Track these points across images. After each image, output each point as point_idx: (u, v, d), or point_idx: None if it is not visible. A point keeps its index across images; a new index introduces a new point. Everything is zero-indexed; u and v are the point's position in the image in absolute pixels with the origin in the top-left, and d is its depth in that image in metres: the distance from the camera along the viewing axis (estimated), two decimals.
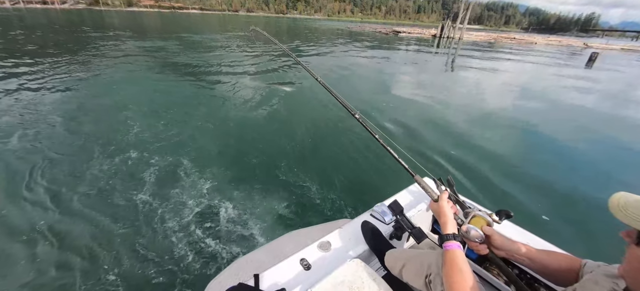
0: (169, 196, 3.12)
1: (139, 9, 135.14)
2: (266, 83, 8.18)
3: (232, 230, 2.68)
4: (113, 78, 8.21)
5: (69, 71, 8.60)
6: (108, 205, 2.98)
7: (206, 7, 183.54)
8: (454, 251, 0.87)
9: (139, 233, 2.62)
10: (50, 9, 71.83)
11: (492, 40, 38.07)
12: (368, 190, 3.39)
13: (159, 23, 38.15)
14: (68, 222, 2.73)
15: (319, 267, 1.18)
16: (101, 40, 16.71)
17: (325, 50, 17.83)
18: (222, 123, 5.25)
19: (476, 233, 0.97)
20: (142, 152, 4.00)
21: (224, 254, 2.43)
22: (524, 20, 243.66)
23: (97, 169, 3.57)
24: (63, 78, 7.78)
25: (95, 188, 3.23)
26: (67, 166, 3.62)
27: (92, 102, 6.02)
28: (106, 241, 2.53)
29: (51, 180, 3.33)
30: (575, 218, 3.26)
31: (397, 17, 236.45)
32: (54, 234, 2.59)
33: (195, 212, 2.89)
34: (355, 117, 1.55)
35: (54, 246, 2.47)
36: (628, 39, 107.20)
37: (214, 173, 3.55)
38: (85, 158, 3.81)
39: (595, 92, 10.41)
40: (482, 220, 1.00)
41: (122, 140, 4.34)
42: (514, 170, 4.22)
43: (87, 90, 6.85)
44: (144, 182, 3.35)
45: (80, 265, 2.32)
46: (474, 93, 9.06)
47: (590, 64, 18.44)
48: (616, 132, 6.20)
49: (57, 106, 5.71)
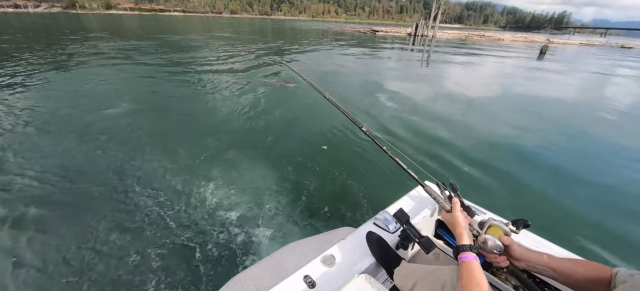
0: (161, 203, 2.98)
1: (118, 12, 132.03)
2: (262, 89, 7.89)
3: (226, 240, 2.54)
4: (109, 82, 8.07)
5: (44, 77, 8.26)
6: (88, 209, 2.85)
7: (188, 10, 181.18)
8: (471, 263, 0.84)
9: (121, 247, 2.46)
10: (23, 13, 69.54)
11: (463, 38, 40.24)
12: (367, 196, 3.27)
13: (142, 25, 37.46)
14: (42, 227, 2.63)
15: (324, 284, 1.12)
16: (84, 44, 16.76)
17: (310, 50, 18.29)
18: (217, 127, 5.14)
19: (494, 244, 0.92)
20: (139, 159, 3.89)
21: (219, 268, 2.28)
22: (502, 19, 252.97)
23: (76, 171, 3.48)
24: (37, 82, 7.57)
25: (73, 191, 3.13)
26: (45, 166, 3.54)
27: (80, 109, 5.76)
28: (76, 252, 2.39)
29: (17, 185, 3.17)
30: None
31: (381, 18, 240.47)
32: (25, 232, 2.53)
33: (189, 219, 2.77)
34: (363, 130, 1.56)
35: (20, 245, 2.41)
36: (597, 35, 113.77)
37: (206, 178, 3.44)
38: (62, 160, 3.72)
39: (537, 78, 12.07)
40: (500, 230, 0.95)
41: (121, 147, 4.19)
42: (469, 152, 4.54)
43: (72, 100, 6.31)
44: (136, 186, 3.25)
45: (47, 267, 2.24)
46: (446, 87, 9.50)
47: (542, 56, 20.36)
48: (556, 111, 7.46)
49: (35, 111, 5.53)
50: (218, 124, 5.33)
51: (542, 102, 8.23)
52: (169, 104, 6.40)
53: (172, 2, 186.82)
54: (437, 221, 1.66)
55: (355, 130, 4.91)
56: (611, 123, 6.66)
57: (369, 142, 4.08)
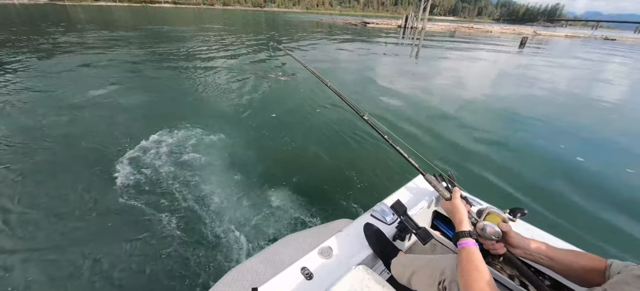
0: (158, 196, 2.99)
1: (107, 3, 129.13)
2: (263, 78, 8.04)
3: (223, 232, 2.52)
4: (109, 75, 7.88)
5: (38, 67, 8.28)
6: (93, 209, 2.82)
7: (180, 1, 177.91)
8: (470, 248, 0.85)
9: (121, 238, 2.46)
10: (9, 4, 67.70)
11: (452, 30, 40.73)
12: (365, 188, 3.28)
13: (136, 19, 36.85)
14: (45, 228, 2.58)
15: (321, 276, 1.13)
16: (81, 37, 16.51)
17: (306, 42, 18.63)
18: (215, 119, 5.10)
19: (493, 230, 0.93)
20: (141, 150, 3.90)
21: (217, 261, 2.27)
22: (496, 11, 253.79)
23: (72, 172, 3.40)
24: (29, 74, 7.50)
25: (70, 188, 3.09)
26: (37, 173, 3.37)
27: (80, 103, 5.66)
28: (78, 246, 2.40)
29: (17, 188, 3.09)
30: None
31: (376, 10, 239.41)
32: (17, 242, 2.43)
33: (184, 211, 2.77)
34: (364, 119, 1.55)
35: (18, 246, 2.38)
36: (589, 28, 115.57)
37: (202, 172, 3.45)
38: (58, 161, 3.62)
39: (516, 65, 13.36)
40: (498, 217, 0.96)
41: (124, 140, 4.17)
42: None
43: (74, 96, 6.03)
44: (133, 182, 3.21)
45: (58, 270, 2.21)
46: (435, 80, 9.85)
47: (522, 47, 21.03)
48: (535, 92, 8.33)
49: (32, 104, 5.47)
50: (212, 115, 5.31)
51: (514, 86, 9.32)
52: (165, 95, 6.46)
53: None
54: (434, 212, 1.68)
55: (352, 123, 5.01)
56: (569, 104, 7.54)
57: (366, 134, 4.47)
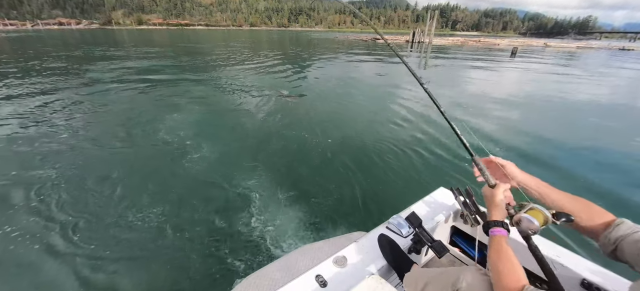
0: (179, 202, 3.19)
1: (148, 27, 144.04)
2: (274, 101, 8.05)
3: (242, 241, 2.67)
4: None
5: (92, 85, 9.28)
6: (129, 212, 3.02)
7: (212, 23, 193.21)
8: (501, 237, 0.84)
9: (141, 243, 2.62)
10: (66, 30, 78.52)
11: (459, 44, 42.31)
12: (381, 201, 3.36)
13: (170, 40, 40.40)
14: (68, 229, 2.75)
15: (335, 284, 1.14)
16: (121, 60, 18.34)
17: (323, 58, 19.85)
18: (233, 131, 5.42)
19: (529, 224, 0.88)
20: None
21: (234, 267, 2.38)
22: (522, 25, 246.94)
23: (112, 179, 3.64)
24: (81, 91, 8.37)
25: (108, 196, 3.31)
26: (79, 180, 3.63)
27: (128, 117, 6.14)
28: (108, 248, 2.55)
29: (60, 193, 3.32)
30: None
31: (396, 27, 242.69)
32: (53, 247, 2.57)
33: (204, 220, 2.92)
34: (423, 87, 1.42)
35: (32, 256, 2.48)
36: (627, 39, 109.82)
37: (218, 181, 3.62)
38: (94, 175, 3.79)
39: (505, 70, 15.10)
40: (541, 214, 0.90)
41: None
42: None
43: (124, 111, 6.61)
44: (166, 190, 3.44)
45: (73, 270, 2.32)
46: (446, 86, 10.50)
47: (513, 56, 22.41)
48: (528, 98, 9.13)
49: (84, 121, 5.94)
50: (238, 135, 5.48)
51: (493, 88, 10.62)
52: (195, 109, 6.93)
53: (196, 16, 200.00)
54: (453, 228, 1.67)
55: (368, 136, 5.28)
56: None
57: (383, 148, 4.68)
